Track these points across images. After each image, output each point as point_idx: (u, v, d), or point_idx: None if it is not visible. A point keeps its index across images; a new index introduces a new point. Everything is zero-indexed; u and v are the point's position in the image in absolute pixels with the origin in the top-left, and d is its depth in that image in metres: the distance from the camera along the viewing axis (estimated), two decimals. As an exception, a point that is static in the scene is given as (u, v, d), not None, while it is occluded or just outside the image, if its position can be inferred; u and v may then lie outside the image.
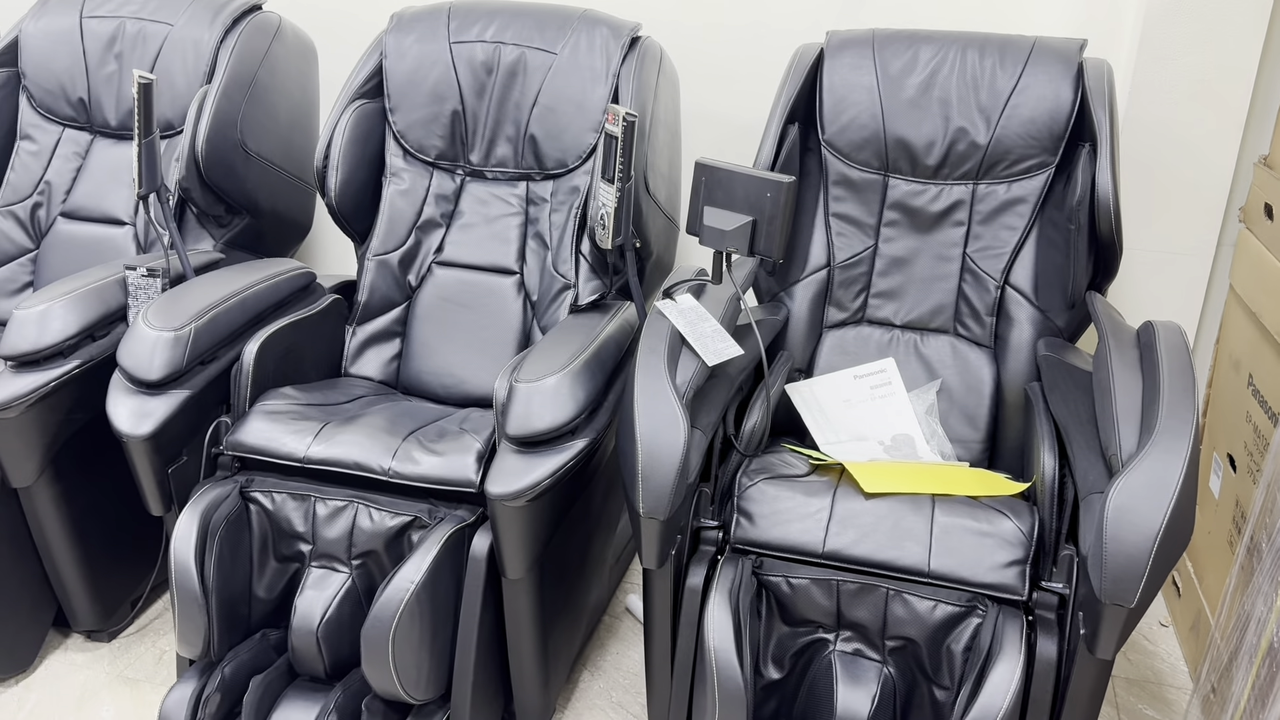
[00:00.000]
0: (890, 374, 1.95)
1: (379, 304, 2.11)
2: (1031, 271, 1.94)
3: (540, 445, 1.60)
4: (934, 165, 1.97)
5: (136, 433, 1.67)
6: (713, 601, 1.49)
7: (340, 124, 2.07)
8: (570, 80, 2.07)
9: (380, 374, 2.11)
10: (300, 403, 1.82)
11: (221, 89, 2.17)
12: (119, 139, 2.30)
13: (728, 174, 1.58)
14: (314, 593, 1.68)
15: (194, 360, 1.74)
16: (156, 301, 1.79)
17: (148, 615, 2.15)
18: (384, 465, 1.69)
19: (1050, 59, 1.93)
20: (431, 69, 2.11)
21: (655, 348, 1.58)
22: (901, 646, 1.53)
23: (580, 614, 1.96)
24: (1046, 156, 1.92)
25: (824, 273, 2.03)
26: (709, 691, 1.47)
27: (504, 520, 1.58)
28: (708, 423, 1.59)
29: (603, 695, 1.98)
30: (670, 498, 1.46)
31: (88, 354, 1.83)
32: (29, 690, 1.94)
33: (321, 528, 1.70)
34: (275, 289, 1.96)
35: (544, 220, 2.09)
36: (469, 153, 2.13)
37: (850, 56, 2.01)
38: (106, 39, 2.29)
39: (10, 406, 1.72)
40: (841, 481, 1.62)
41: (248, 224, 2.29)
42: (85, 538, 1.92)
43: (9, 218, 2.29)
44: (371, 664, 1.57)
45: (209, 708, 1.64)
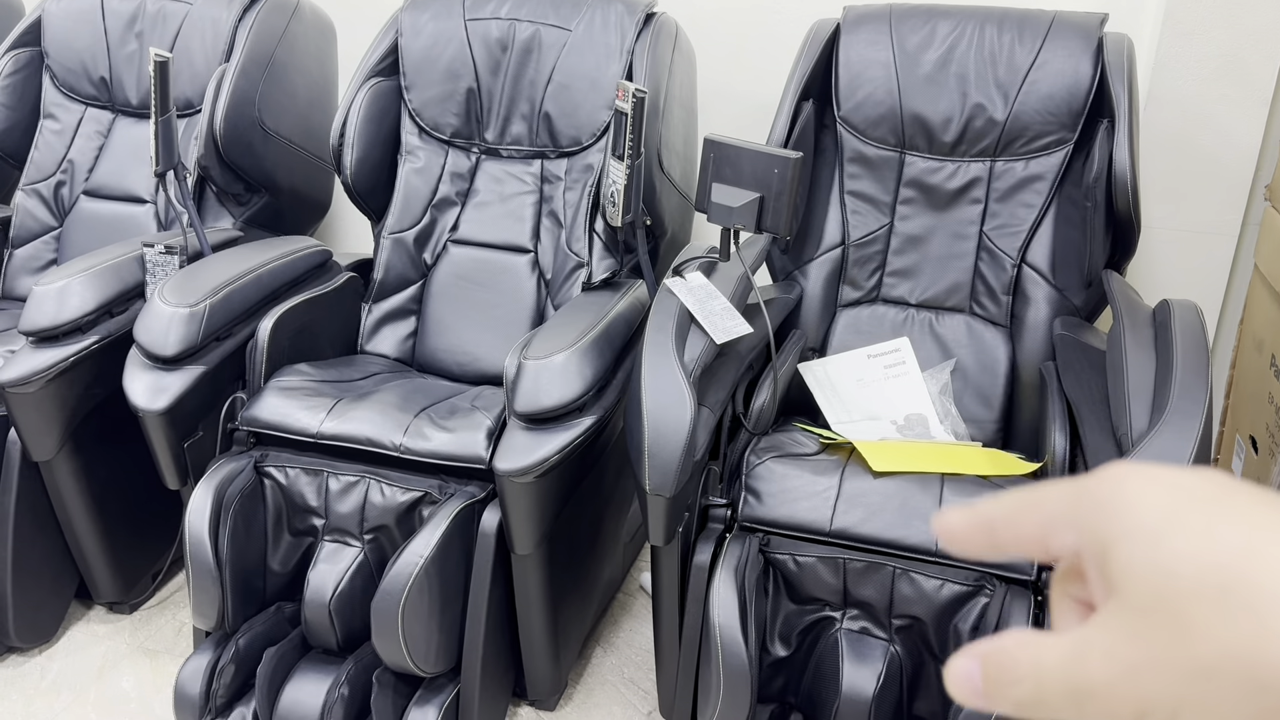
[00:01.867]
0: (904, 353, 1.94)
1: (394, 282, 2.12)
2: (1049, 250, 1.92)
3: (548, 422, 1.61)
4: (951, 142, 1.95)
5: (152, 407, 1.69)
6: (718, 579, 1.49)
7: (356, 102, 2.07)
8: (585, 57, 2.06)
9: (395, 351, 2.13)
10: (314, 379, 1.84)
11: (240, 67, 2.18)
12: (140, 118, 2.33)
13: (736, 150, 1.57)
14: (326, 566, 1.70)
15: (209, 336, 1.76)
16: (173, 278, 1.81)
17: (168, 588, 2.18)
18: (395, 441, 1.70)
19: (1070, 34, 1.90)
20: (446, 46, 2.11)
21: (664, 325, 1.57)
22: (908, 625, 1.52)
23: (592, 591, 1.97)
24: (1065, 133, 1.89)
25: (838, 251, 2.01)
26: (714, 668, 1.47)
27: (512, 496, 1.59)
28: (716, 401, 1.59)
29: (615, 671, 1.99)
30: (676, 475, 1.46)
31: (106, 330, 1.85)
32: (51, 660, 1.98)
33: (334, 502, 1.72)
34: (291, 266, 1.97)
35: (558, 198, 2.09)
36: (484, 130, 2.13)
37: (867, 32, 1.99)
38: (127, 18, 2.31)
39: (30, 381, 1.75)
40: (850, 460, 1.61)
41: (267, 202, 2.31)
42: (105, 511, 1.95)
43: (33, 196, 2.32)
44: (381, 637, 1.59)
45: (223, 678, 1.67)
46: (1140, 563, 0.31)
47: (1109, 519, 0.32)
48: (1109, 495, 0.33)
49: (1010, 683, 0.33)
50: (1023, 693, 0.33)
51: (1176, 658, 0.29)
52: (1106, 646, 0.31)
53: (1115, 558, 0.31)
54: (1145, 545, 0.31)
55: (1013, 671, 0.33)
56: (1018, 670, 0.33)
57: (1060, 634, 0.33)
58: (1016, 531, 0.36)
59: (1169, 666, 0.29)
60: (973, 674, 0.34)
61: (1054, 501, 0.35)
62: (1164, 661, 0.29)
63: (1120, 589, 0.31)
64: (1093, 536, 0.33)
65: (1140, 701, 0.30)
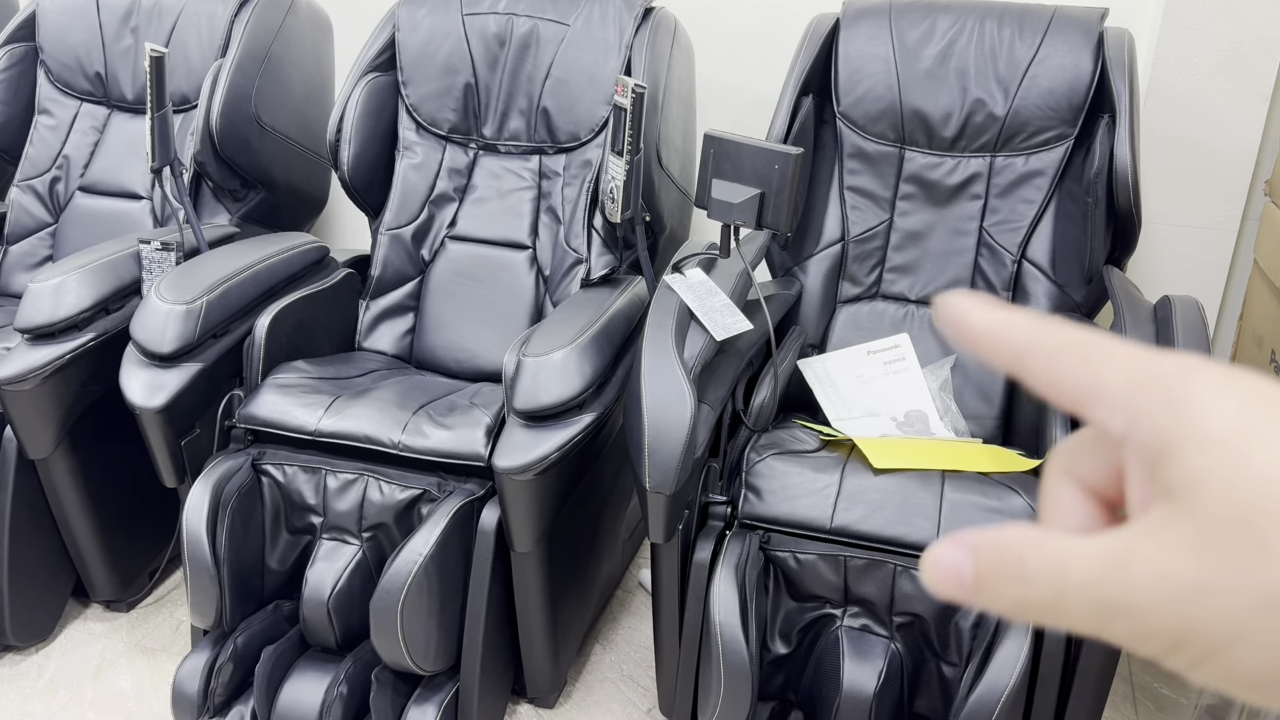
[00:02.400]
0: (904, 349, 1.93)
1: (392, 278, 2.11)
2: (1049, 246, 1.91)
3: (547, 419, 1.60)
4: (951, 137, 1.94)
5: (149, 405, 1.69)
6: (719, 576, 1.49)
7: (353, 97, 2.06)
8: (583, 52, 2.05)
9: (393, 348, 2.12)
10: (312, 376, 1.83)
11: (236, 63, 2.17)
12: (136, 113, 2.31)
13: (736, 146, 1.56)
14: (325, 564, 1.69)
15: (206, 333, 1.75)
16: (169, 275, 1.80)
17: (165, 586, 2.18)
18: (394, 439, 1.69)
19: (1070, 28, 1.89)
20: (444, 41, 2.10)
21: (663, 322, 1.57)
22: (909, 622, 1.52)
23: (591, 588, 1.96)
24: (1065, 128, 1.89)
25: (838, 247, 2.01)
26: (714, 665, 1.47)
27: (511, 494, 1.58)
28: (716, 398, 1.58)
29: (614, 669, 1.99)
30: (676, 472, 1.45)
31: (102, 327, 1.84)
32: (48, 658, 1.97)
33: (332, 500, 1.71)
34: (288, 263, 1.96)
35: (556, 194, 2.08)
36: (482, 126, 2.12)
37: (866, 27, 1.98)
38: (122, 13, 2.30)
39: (26, 379, 1.74)
40: (851, 457, 1.61)
41: (263, 198, 2.30)
42: (102, 509, 1.94)
43: (28, 192, 2.31)
44: (380, 635, 1.58)
45: (221, 677, 1.66)
46: (1218, 474, 0.27)
47: (1178, 417, 0.28)
48: (1181, 390, 0.29)
49: (1013, 580, 0.30)
50: (1031, 596, 0.29)
51: (1247, 583, 0.26)
52: (1160, 560, 0.27)
53: (1182, 463, 0.28)
54: (1226, 456, 0.27)
55: (1018, 569, 0.29)
56: (1025, 569, 0.29)
57: (1088, 538, 0.29)
58: (1054, 373, 0.31)
59: (1236, 592, 0.26)
60: (961, 565, 0.30)
61: (1112, 367, 0.30)
62: (1231, 586, 0.26)
63: (1185, 498, 0.28)
64: (1152, 431, 0.29)
65: (1188, 627, 0.27)
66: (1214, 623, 0.26)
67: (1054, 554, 0.29)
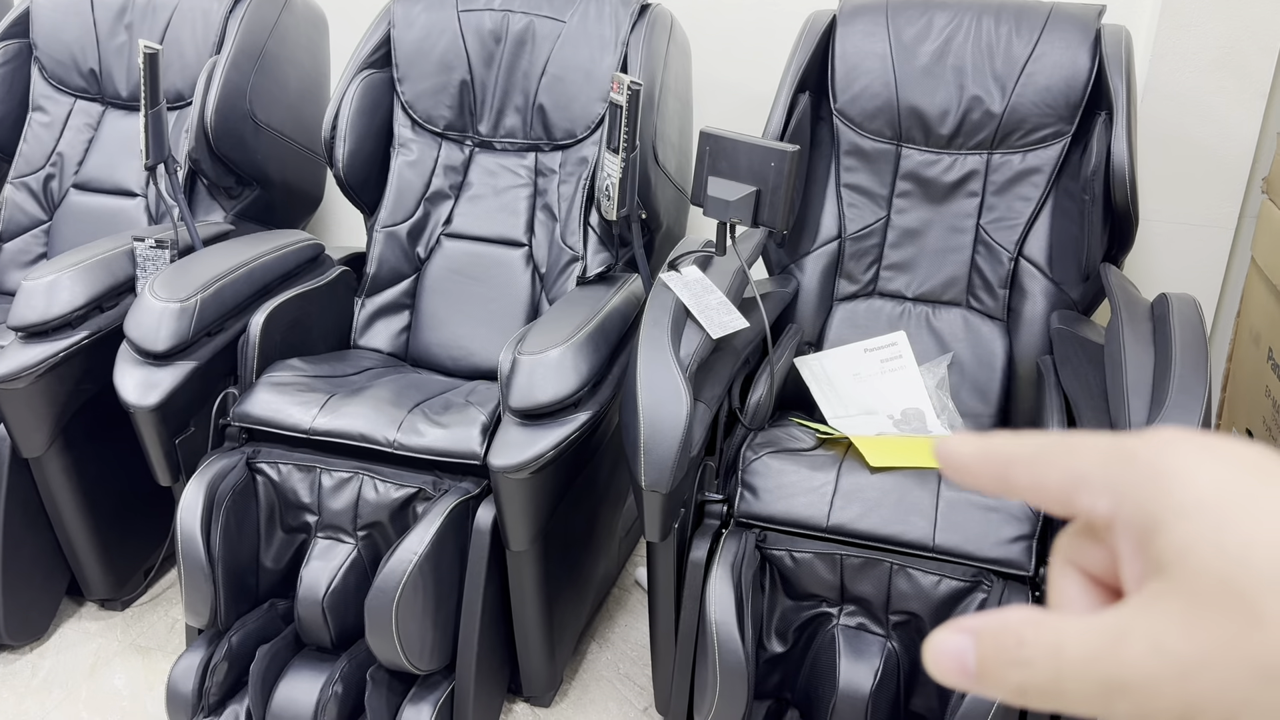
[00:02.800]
0: (901, 347, 1.93)
1: (388, 276, 2.11)
2: (1046, 243, 1.91)
3: (543, 418, 1.59)
4: (948, 135, 1.94)
5: (143, 403, 1.68)
6: (715, 575, 1.48)
7: (348, 94, 2.05)
8: (579, 49, 2.04)
9: (389, 346, 2.11)
10: (307, 374, 1.82)
11: (231, 59, 2.16)
12: (130, 110, 2.30)
13: (732, 143, 1.56)
14: (320, 563, 1.69)
15: (200, 331, 1.74)
16: (163, 273, 1.79)
17: (160, 585, 2.17)
18: (389, 437, 1.69)
19: (1067, 25, 1.89)
20: (439, 38, 2.09)
21: (659, 320, 1.56)
22: (905, 621, 1.52)
23: (587, 586, 1.96)
24: (1062, 125, 1.88)
25: (835, 244, 2.00)
26: (710, 664, 1.47)
27: (507, 492, 1.58)
28: (712, 396, 1.57)
29: (610, 667, 1.98)
30: (672, 471, 1.45)
31: (96, 325, 1.84)
32: (43, 657, 1.96)
33: (327, 499, 1.71)
34: (283, 260, 1.96)
35: (552, 192, 2.07)
36: (477, 123, 2.11)
37: (863, 23, 1.98)
38: (116, 9, 2.29)
39: (19, 377, 1.73)
40: (847, 455, 1.60)
41: (258, 195, 2.29)
42: (96, 508, 1.93)
43: (22, 189, 2.30)
44: (375, 634, 1.58)
45: (216, 676, 1.65)
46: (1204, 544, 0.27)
47: (1160, 490, 0.28)
48: (1158, 463, 0.29)
49: (1014, 664, 0.29)
50: (1031, 679, 0.29)
51: (1243, 655, 0.26)
52: (1154, 636, 0.27)
53: (1169, 535, 0.28)
54: (1210, 525, 0.27)
55: (1018, 653, 0.29)
56: (1025, 652, 0.29)
57: (1085, 616, 0.29)
58: (1036, 477, 0.32)
59: (1232, 664, 0.26)
60: (964, 652, 0.30)
61: (1088, 455, 0.31)
62: (1227, 658, 0.26)
63: (1174, 570, 0.27)
64: (1136, 507, 0.29)
65: (1190, 702, 0.26)
66: (1215, 697, 0.26)
67: (1052, 634, 0.29)
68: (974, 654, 0.30)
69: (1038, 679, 0.29)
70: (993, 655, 0.30)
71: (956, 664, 0.30)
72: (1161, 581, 0.28)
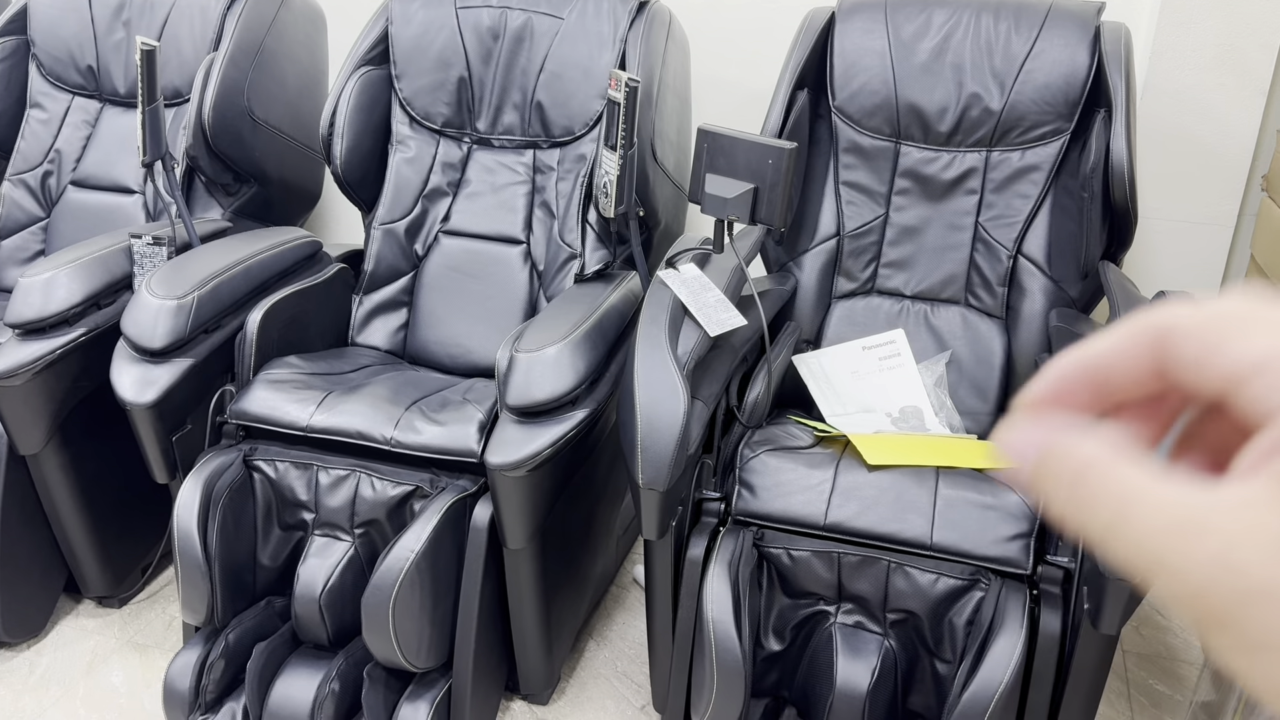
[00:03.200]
0: (899, 345, 1.92)
1: (385, 273, 2.10)
2: (1045, 241, 1.90)
3: (540, 415, 1.59)
4: (946, 132, 1.93)
5: (140, 401, 1.68)
6: (712, 573, 1.48)
7: (346, 91, 2.05)
8: (577, 46, 2.04)
9: (387, 344, 2.11)
10: (304, 372, 1.82)
11: (228, 56, 2.15)
12: (128, 107, 2.30)
13: (730, 140, 1.55)
14: (317, 561, 1.69)
15: (197, 329, 1.74)
16: (160, 270, 1.79)
17: (158, 582, 2.17)
18: (386, 435, 1.68)
19: (1066, 23, 1.88)
20: (437, 35, 2.09)
21: (657, 318, 1.56)
22: (903, 619, 1.51)
23: (585, 584, 1.96)
24: (1061, 123, 1.88)
25: (833, 242, 2.00)
26: (707, 662, 1.46)
27: (504, 490, 1.57)
28: (710, 394, 1.57)
29: (608, 665, 1.98)
30: (670, 469, 1.45)
31: (93, 322, 1.83)
32: (40, 655, 1.96)
33: (324, 496, 1.70)
34: (280, 258, 1.95)
35: (551, 189, 2.07)
36: (475, 120, 2.11)
37: (862, 20, 1.97)
38: (114, 6, 2.28)
39: (16, 374, 1.73)
40: (845, 453, 1.60)
41: (256, 192, 2.29)
42: (94, 505, 1.93)
43: (20, 186, 2.30)
44: (372, 632, 1.57)
45: (213, 674, 1.65)
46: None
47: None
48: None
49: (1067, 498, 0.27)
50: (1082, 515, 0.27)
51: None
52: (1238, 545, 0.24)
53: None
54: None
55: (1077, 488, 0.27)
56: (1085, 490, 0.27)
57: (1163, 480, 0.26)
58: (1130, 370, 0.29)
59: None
60: (1026, 453, 0.28)
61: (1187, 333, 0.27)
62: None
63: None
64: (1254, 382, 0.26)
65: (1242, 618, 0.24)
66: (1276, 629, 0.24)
67: (1119, 488, 0.27)
68: (1033, 463, 0.29)
69: (1090, 520, 0.27)
70: (1051, 475, 0.28)
71: (1018, 460, 0.29)
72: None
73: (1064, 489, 0.28)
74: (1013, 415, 0.29)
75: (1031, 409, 0.31)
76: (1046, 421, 0.28)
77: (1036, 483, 0.28)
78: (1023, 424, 0.29)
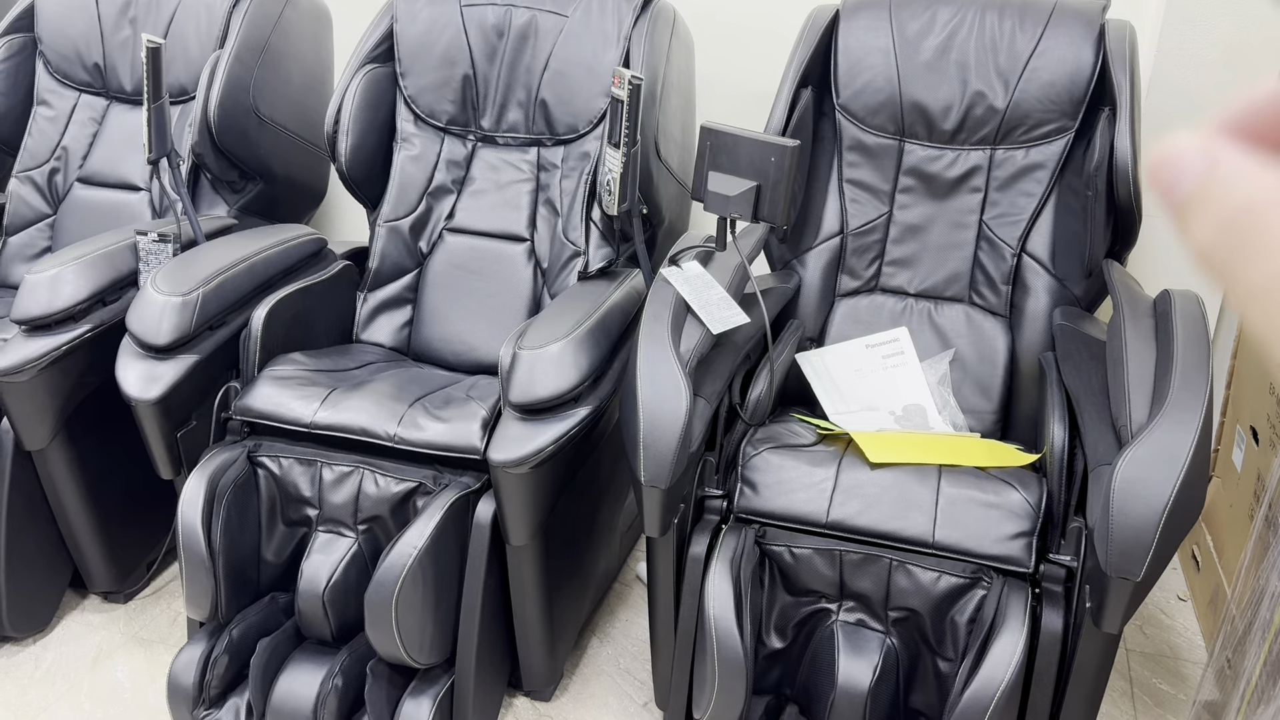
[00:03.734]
0: (903, 343, 1.92)
1: (390, 271, 2.11)
2: (1049, 239, 1.90)
3: (543, 412, 1.59)
4: (951, 130, 1.93)
5: (145, 397, 1.68)
6: (714, 570, 1.48)
7: (351, 88, 2.05)
8: (581, 43, 2.04)
9: (391, 341, 2.11)
10: (309, 368, 1.83)
11: (234, 54, 2.16)
12: (134, 104, 2.31)
13: (733, 138, 1.55)
14: (320, 557, 1.69)
15: (202, 325, 1.75)
16: (166, 266, 1.79)
17: (163, 578, 2.18)
18: (390, 431, 1.69)
19: (1071, 21, 1.88)
20: (442, 32, 2.09)
21: (660, 315, 1.56)
22: (905, 617, 1.52)
23: (588, 581, 1.96)
24: (1066, 121, 1.88)
25: (837, 240, 2.00)
26: (709, 659, 1.47)
27: (507, 487, 1.58)
28: (712, 391, 1.57)
29: (610, 662, 1.98)
30: (672, 466, 1.45)
31: (99, 319, 1.84)
32: (45, 649, 1.97)
33: (328, 492, 1.71)
34: (285, 255, 1.96)
35: (555, 186, 2.07)
36: (480, 118, 2.11)
37: (866, 18, 1.97)
38: (121, 4, 2.29)
39: (22, 370, 1.74)
40: (848, 451, 1.60)
41: (261, 190, 2.29)
42: (99, 500, 1.94)
43: (27, 183, 2.31)
44: (375, 628, 1.58)
45: (217, 669, 1.66)
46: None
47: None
48: None
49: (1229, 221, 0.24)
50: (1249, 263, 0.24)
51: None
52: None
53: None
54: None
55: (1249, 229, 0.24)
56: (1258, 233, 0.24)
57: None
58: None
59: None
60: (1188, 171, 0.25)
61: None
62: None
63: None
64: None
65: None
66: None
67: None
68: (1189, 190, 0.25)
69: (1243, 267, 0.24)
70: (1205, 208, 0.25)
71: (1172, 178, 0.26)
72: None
73: (1217, 225, 0.24)
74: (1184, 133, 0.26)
75: (1214, 132, 0.27)
76: (1221, 145, 0.25)
77: (1185, 210, 0.25)
78: (1193, 141, 0.25)
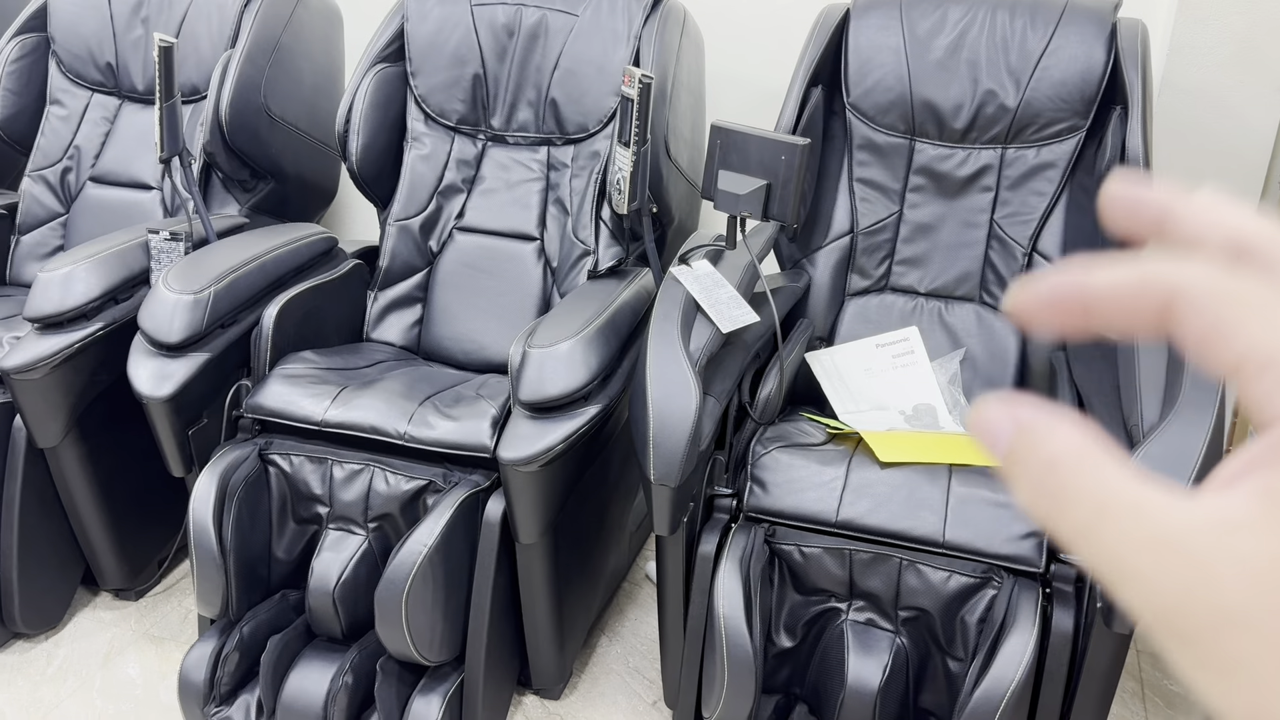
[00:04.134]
0: (913, 343, 1.92)
1: (400, 269, 2.11)
2: (1060, 238, 1.90)
3: (553, 411, 1.60)
4: (961, 129, 1.93)
5: (156, 394, 1.69)
6: (723, 569, 1.48)
7: (361, 88, 2.06)
8: (591, 42, 2.04)
9: (401, 339, 2.12)
10: (319, 367, 1.83)
11: (245, 53, 2.17)
12: (146, 104, 2.32)
13: (742, 137, 1.55)
14: (331, 554, 1.70)
15: (213, 323, 1.75)
16: (177, 265, 1.80)
17: (174, 575, 2.18)
18: (400, 429, 1.69)
19: (1083, 19, 1.87)
20: (453, 32, 2.10)
21: (669, 314, 1.56)
22: (914, 617, 1.51)
23: (597, 580, 1.96)
24: (1077, 120, 1.87)
25: (847, 239, 1.99)
26: (718, 658, 1.47)
27: (516, 485, 1.58)
28: (722, 390, 1.57)
29: (620, 661, 1.98)
30: (681, 465, 1.45)
31: (111, 316, 1.85)
32: (58, 646, 1.98)
33: (338, 490, 1.71)
34: (296, 253, 1.96)
35: (565, 185, 2.07)
36: (490, 117, 2.11)
37: (877, 17, 1.97)
38: (133, 3, 2.30)
39: (35, 368, 1.75)
40: (857, 451, 1.60)
41: (273, 189, 2.30)
42: (111, 498, 1.95)
43: (40, 182, 2.32)
44: (385, 625, 1.58)
45: (228, 666, 1.66)
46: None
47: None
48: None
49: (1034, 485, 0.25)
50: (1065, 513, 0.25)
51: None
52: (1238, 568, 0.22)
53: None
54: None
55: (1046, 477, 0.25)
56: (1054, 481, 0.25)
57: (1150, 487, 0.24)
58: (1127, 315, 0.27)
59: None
60: (999, 436, 0.26)
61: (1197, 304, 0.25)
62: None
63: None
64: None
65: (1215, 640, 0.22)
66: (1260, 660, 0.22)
67: (1094, 489, 0.24)
68: (1005, 446, 0.26)
69: (1061, 517, 0.25)
70: (1020, 462, 0.26)
71: (990, 441, 0.27)
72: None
73: (1034, 480, 0.26)
74: (984, 397, 0.28)
75: (1017, 308, 0.28)
76: (1021, 403, 0.27)
77: (1006, 469, 0.27)
78: (995, 404, 0.27)
